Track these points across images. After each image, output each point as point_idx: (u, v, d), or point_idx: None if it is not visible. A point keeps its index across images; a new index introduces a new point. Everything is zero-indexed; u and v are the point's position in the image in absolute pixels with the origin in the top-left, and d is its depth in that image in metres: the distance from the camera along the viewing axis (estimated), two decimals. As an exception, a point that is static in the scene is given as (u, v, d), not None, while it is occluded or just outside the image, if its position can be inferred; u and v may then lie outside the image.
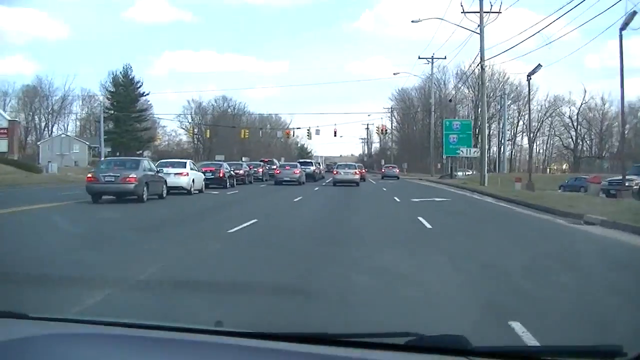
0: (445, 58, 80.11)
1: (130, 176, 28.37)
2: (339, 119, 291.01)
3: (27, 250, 13.17)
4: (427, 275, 10.65)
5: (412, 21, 58.18)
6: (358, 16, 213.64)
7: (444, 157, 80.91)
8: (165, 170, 34.98)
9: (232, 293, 8.87)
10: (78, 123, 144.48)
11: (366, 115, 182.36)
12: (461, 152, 71.85)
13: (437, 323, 6.87)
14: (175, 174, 35.80)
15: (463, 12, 49.64)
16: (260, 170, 62.17)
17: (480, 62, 50.27)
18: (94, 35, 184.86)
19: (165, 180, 32.55)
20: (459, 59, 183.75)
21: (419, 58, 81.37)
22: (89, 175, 29.80)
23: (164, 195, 31.75)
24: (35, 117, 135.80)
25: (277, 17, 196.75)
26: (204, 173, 43.45)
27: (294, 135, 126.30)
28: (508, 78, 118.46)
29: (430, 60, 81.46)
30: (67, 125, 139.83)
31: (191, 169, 37.68)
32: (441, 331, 2.41)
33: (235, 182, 48.95)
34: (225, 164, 49.38)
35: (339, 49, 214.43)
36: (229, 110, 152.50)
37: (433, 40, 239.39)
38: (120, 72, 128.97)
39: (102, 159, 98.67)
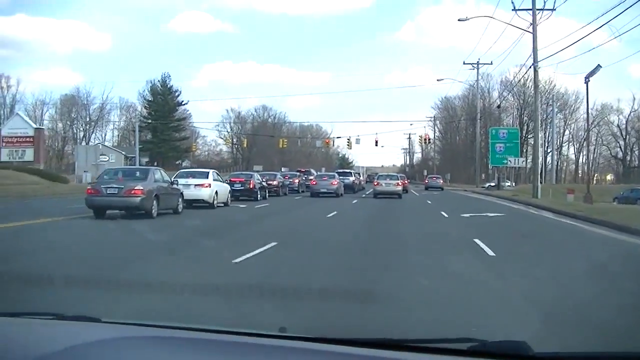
0: (491, 63, 75.57)
1: (136, 188, 24.24)
2: (380, 128, 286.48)
3: None
4: None
5: (459, 20, 52.27)
6: (399, 27, 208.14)
7: (490, 167, 76.06)
8: (184, 181, 31.27)
9: None
10: (116, 133, 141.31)
11: (408, 125, 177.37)
12: (509, 162, 67.04)
13: None
14: (196, 185, 31.74)
15: (514, 9, 45.04)
16: (296, 181, 57.98)
17: (533, 64, 45.53)
18: (135, 47, 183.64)
19: (182, 193, 28.39)
20: (503, 67, 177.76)
21: (464, 64, 77.04)
22: (89, 187, 25.80)
23: (180, 209, 27.68)
24: (74, 126, 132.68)
25: (318, 27, 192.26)
26: (232, 184, 40.04)
27: (333, 145, 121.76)
28: (554, 86, 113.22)
29: (475, 65, 76.86)
30: (105, 135, 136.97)
31: (214, 179, 33.51)
32: None
33: (267, 194, 44.93)
34: (256, 175, 45.22)
35: (381, 59, 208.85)
36: (269, 119, 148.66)
37: (478, 47, 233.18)
38: (159, 81, 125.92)
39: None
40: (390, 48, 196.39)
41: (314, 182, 50.58)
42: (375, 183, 49.22)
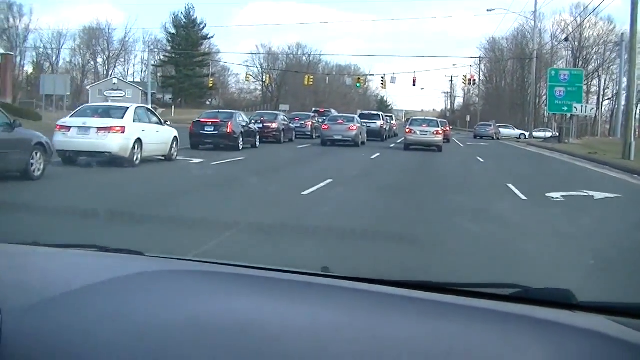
0: (554, -10, 60.31)
1: None
2: (420, 67, 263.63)
3: None
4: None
5: None
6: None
7: (546, 114, 61.49)
8: (81, 122, 19.03)
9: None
10: (139, 68, 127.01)
11: (451, 66, 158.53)
12: (575, 109, 52.51)
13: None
14: (99, 129, 18.41)
15: None
16: (309, 123, 44.25)
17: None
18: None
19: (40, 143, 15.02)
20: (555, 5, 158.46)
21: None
22: None
23: (35, 170, 14.78)
24: (99, 59, 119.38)
25: None
26: (201, 127, 28.68)
27: (365, 83, 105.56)
28: (615, 27, 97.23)
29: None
30: (128, 70, 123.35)
31: (141, 120, 20.17)
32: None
33: (257, 141, 31.74)
34: (239, 115, 31.67)
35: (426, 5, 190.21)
36: (304, 58, 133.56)
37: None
38: (182, 13, 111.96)
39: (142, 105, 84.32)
40: None
41: (326, 127, 36.58)
42: (407, 130, 35.22)
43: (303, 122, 43.60)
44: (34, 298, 1.86)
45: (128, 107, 20.33)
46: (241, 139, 29.14)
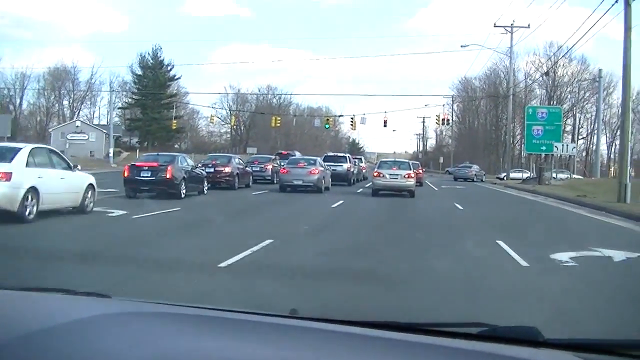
0: (528, 27, 56.98)
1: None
2: (392, 108, 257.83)
3: None
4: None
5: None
6: (414, 14, 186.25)
7: (524, 154, 57.84)
8: None
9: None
10: (107, 110, 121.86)
11: (423, 106, 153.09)
12: (555, 149, 48.86)
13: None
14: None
15: None
16: (269, 167, 39.50)
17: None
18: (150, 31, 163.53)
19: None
20: (528, 44, 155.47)
21: (495, 26, 58.15)
22: None
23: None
24: (64, 102, 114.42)
25: (333, 13, 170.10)
26: (137, 172, 24.66)
27: (335, 124, 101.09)
28: (588, 65, 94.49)
29: (509, 29, 57.98)
30: (94, 113, 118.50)
31: (39, 164, 15.98)
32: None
33: (204, 188, 27.80)
34: (183, 158, 27.54)
35: (396, 46, 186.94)
36: (274, 100, 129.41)
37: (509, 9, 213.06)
38: (149, 54, 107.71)
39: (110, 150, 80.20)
40: (406, 35, 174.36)
41: (285, 171, 32.17)
42: (376, 174, 30.94)
43: (263, 166, 39.23)
44: None
45: (20, 149, 15.93)
46: (183, 185, 25.01)
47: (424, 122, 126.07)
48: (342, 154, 45.40)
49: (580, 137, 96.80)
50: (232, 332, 2.15)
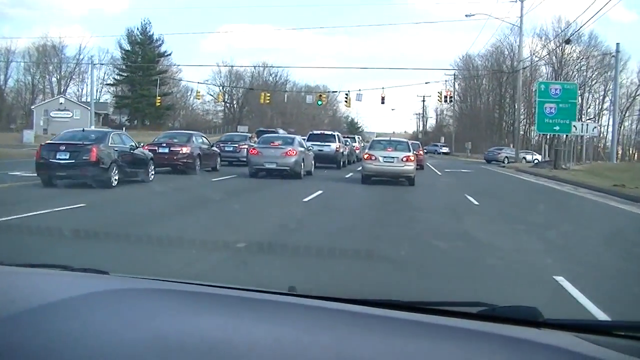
0: (541, -7, 50.24)
1: None
2: (391, 85, 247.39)
3: None
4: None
5: None
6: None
7: (535, 135, 51.36)
8: None
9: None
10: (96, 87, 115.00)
11: (423, 84, 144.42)
12: (574, 129, 42.28)
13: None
14: None
15: None
16: (244, 147, 32.51)
17: None
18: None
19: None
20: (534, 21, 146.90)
21: (504, -7, 51.45)
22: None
23: None
24: (53, 79, 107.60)
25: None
26: (52, 152, 18.60)
27: (327, 101, 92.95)
28: (598, 42, 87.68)
29: (519, -4, 51.29)
30: (83, 90, 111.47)
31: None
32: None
33: (150, 172, 21.53)
34: (117, 135, 21.23)
35: (396, 25, 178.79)
36: (270, 78, 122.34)
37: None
38: (138, 29, 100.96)
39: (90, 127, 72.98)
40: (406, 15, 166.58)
41: (255, 152, 25.72)
42: (366, 156, 24.49)
43: (237, 145, 32.82)
44: None
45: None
46: (115, 170, 18.81)
47: (424, 100, 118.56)
48: (329, 132, 38.32)
49: (587, 117, 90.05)
50: (230, 309, 2.09)
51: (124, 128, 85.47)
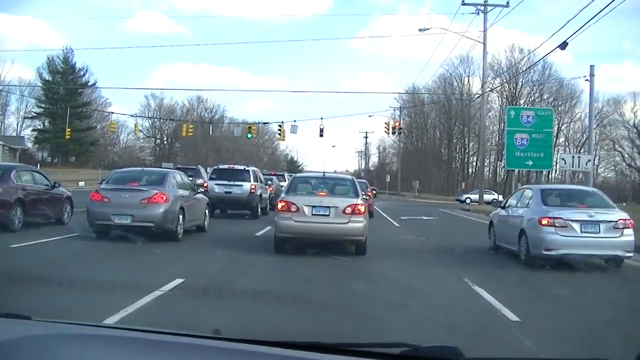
0: (507, 5, 40.35)
1: None
2: (332, 125, 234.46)
3: None
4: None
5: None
6: (355, 33, 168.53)
7: (504, 170, 41.44)
8: None
9: None
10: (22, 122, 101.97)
11: (365, 119, 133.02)
12: (562, 162, 31.97)
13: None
14: None
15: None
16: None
17: None
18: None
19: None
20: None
21: (464, 4, 41.58)
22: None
23: None
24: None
25: (273, 33, 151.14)
26: None
27: (258, 134, 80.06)
28: (554, 70, 79.24)
29: (481, 8, 41.57)
30: (2, 123, 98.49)
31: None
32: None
33: None
34: None
35: (336, 66, 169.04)
36: (205, 114, 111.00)
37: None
38: (59, 57, 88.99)
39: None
40: (346, 55, 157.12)
41: (98, 197, 14.46)
42: (281, 205, 13.30)
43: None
44: None
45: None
46: None
47: (366, 137, 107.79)
48: (242, 167, 26.49)
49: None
50: (154, 354, 2.03)
51: (38, 165, 73.85)
